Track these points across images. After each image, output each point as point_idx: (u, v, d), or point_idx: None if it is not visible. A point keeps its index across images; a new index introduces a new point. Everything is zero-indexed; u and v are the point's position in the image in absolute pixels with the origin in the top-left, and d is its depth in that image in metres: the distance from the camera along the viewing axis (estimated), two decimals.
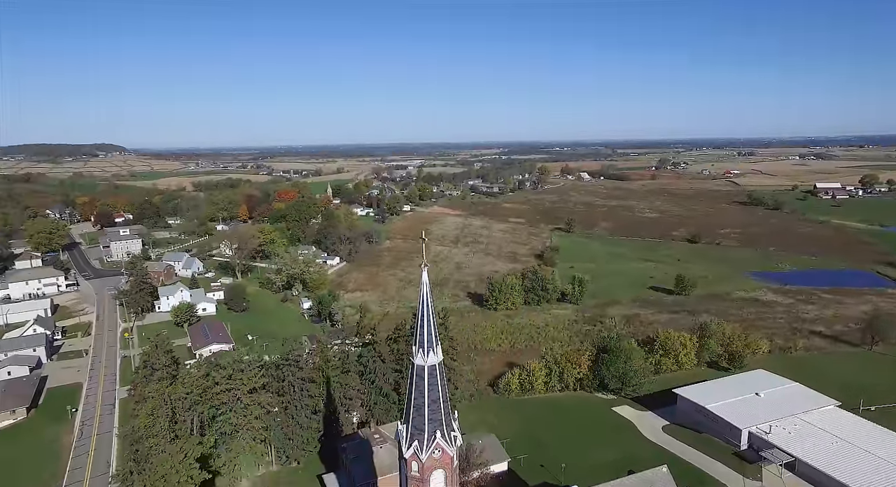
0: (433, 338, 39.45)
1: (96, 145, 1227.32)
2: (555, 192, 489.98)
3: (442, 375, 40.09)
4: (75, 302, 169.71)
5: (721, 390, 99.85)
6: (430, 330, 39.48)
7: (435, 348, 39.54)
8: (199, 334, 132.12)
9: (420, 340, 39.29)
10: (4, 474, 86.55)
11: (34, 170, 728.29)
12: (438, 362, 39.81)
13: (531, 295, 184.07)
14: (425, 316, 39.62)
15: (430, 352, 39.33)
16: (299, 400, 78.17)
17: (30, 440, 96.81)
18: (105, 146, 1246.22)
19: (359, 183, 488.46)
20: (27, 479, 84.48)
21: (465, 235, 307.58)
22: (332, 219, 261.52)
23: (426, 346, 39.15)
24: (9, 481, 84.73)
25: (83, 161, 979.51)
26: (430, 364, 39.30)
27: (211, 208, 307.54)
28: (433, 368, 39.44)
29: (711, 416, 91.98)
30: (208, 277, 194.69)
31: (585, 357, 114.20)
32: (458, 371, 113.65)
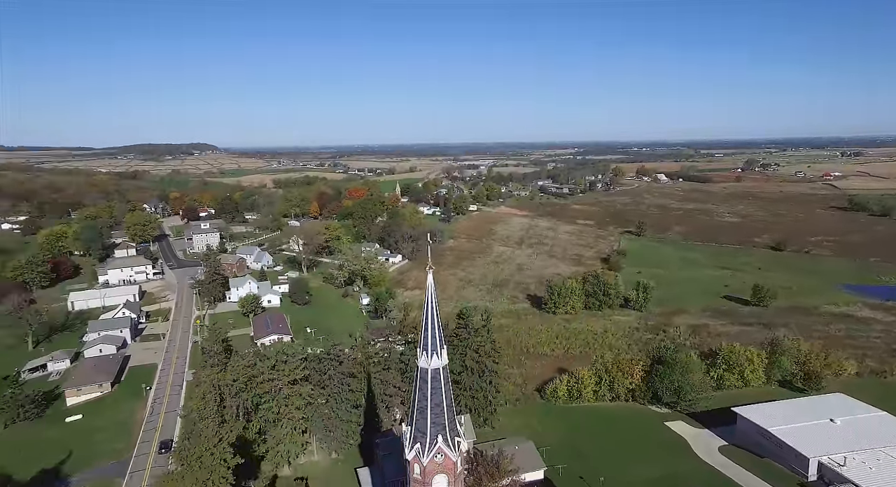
0: (437, 342, 39.37)
1: (192, 144, 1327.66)
2: (627, 194, 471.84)
3: (447, 379, 39.92)
4: (159, 289, 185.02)
5: (789, 412, 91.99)
6: (435, 333, 39.41)
7: (439, 352, 39.43)
8: (262, 324, 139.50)
9: (424, 343, 39.35)
10: (87, 440, 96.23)
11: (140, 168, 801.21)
12: (443, 366, 39.70)
13: (592, 300, 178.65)
14: (430, 318, 39.56)
15: (434, 356, 39.29)
16: (339, 394, 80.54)
17: (110, 412, 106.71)
18: (200, 145, 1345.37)
19: (427, 182, 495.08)
20: (104, 447, 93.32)
21: (530, 236, 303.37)
22: (397, 218, 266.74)
23: (430, 349, 39.15)
24: (89, 447, 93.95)
25: (181, 159, 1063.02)
26: (433, 367, 39.29)
27: (284, 204, 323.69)
28: (437, 371, 39.39)
29: (775, 441, 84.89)
30: (276, 270, 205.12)
31: (639, 367, 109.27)
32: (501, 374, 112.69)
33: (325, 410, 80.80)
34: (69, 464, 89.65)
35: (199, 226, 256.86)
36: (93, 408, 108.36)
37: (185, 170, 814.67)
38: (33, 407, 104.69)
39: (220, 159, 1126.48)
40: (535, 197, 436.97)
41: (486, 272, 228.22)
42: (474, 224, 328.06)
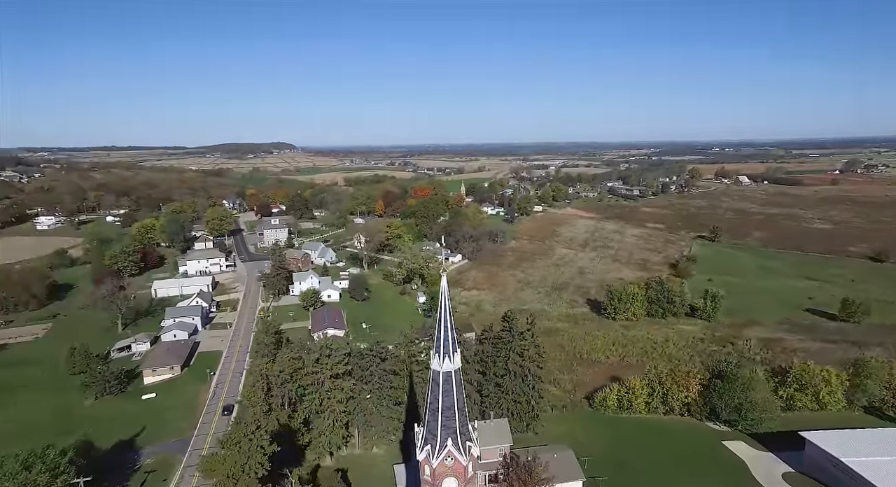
0: (450, 345, 39.39)
1: (273, 144, 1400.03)
2: (703, 197, 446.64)
3: (459, 382, 39.86)
4: (230, 281, 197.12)
5: (871, 443, 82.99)
6: (448, 336, 39.45)
7: (452, 355, 39.44)
8: (319, 318, 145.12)
9: (437, 345, 39.51)
10: (158, 417, 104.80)
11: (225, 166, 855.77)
12: (455, 369, 39.68)
13: (655, 307, 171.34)
14: (444, 321, 39.64)
15: (447, 359, 39.34)
16: (381, 390, 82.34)
17: (179, 393, 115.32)
18: (279, 144, 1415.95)
19: (493, 182, 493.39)
20: (171, 425, 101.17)
21: (595, 239, 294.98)
22: (459, 217, 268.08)
23: (442, 352, 39.25)
24: (158, 423, 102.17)
25: (261, 157, 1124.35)
26: (445, 370, 39.36)
27: (351, 202, 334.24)
28: (449, 374, 39.42)
29: (850, 473, 76.96)
30: (339, 266, 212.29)
31: (696, 380, 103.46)
32: (548, 379, 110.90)
33: (368, 405, 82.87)
34: (142, 437, 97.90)
35: (270, 221, 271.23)
36: (165, 388, 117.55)
37: (265, 168, 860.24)
38: (117, 384, 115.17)
39: (297, 158, 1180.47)
40: (603, 198, 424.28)
41: (546, 274, 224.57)
42: (538, 225, 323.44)
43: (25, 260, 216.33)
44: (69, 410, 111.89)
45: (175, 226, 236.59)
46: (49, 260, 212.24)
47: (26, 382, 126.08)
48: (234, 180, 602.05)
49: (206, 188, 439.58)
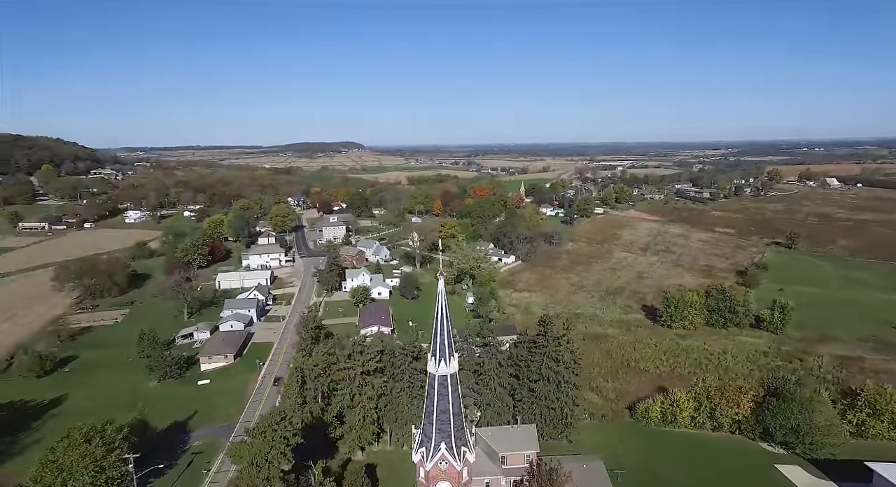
0: (447, 349, 39.22)
1: (342, 143, 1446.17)
2: (782, 200, 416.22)
3: (455, 387, 39.63)
4: (288, 276, 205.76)
5: None
6: (445, 340, 39.29)
7: (448, 359, 39.27)
8: (366, 315, 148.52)
9: (433, 349, 39.46)
10: (209, 402, 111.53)
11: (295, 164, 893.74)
12: (451, 373, 39.47)
13: (715, 317, 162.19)
14: (441, 325, 39.51)
15: (443, 362, 39.23)
16: (412, 389, 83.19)
17: (229, 380, 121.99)
18: (348, 144, 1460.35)
19: (555, 182, 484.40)
20: (220, 410, 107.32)
21: (657, 243, 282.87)
22: (515, 218, 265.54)
23: (438, 355, 39.17)
24: (210, 408, 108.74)
25: (330, 156, 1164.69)
26: (440, 373, 39.25)
27: (409, 201, 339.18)
28: (444, 378, 39.28)
29: None
30: (392, 264, 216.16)
31: (749, 396, 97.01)
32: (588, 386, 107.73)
33: (399, 403, 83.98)
34: (194, 420, 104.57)
35: (329, 219, 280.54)
36: (219, 375, 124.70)
37: (333, 167, 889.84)
38: (176, 369, 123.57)
39: (364, 157, 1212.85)
40: (669, 201, 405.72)
41: (601, 278, 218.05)
42: (597, 227, 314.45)
43: (112, 251, 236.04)
44: (135, 390, 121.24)
45: (241, 222, 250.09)
46: (131, 251, 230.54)
47: (105, 363, 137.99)
48: (303, 178, 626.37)
49: (275, 185, 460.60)
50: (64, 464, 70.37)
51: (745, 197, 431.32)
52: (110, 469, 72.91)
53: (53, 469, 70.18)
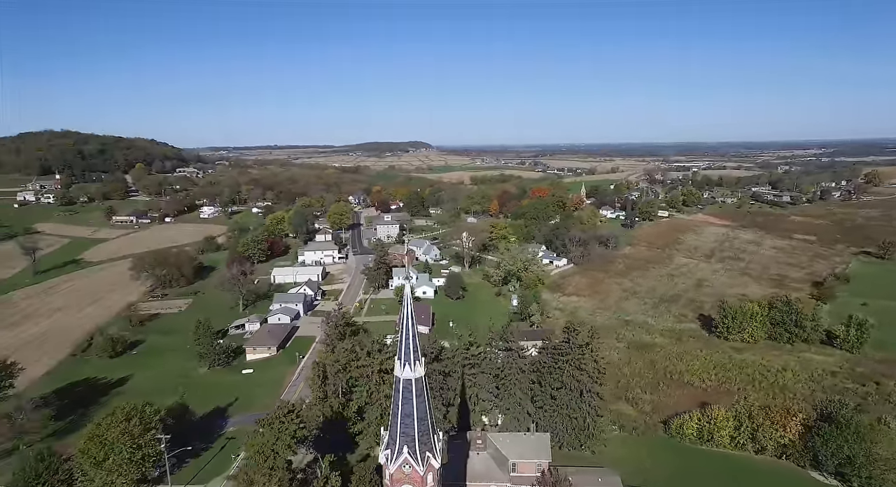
0: (412, 353, 39.28)
1: (410, 142, 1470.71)
2: (878, 206, 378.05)
3: (421, 391, 39.61)
4: (340, 272, 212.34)
5: None
6: (409, 343, 39.37)
7: (413, 363, 39.32)
8: None
9: (399, 353, 39.62)
10: (250, 391, 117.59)
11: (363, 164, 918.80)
12: (416, 378, 39.49)
13: (779, 330, 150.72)
14: (406, 330, 39.63)
15: (407, 366, 39.32)
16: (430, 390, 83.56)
17: (270, 371, 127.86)
18: (416, 143, 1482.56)
19: (620, 184, 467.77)
20: (258, 399, 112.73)
21: (725, 249, 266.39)
22: (570, 220, 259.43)
23: (403, 359, 39.30)
24: (250, 397, 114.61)
25: (398, 156, 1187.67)
26: (405, 377, 39.36)
27: (466, 201, 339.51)
28: (409, 382, 39.36)
29: None
30: (441, 264, 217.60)
31: (797, 419, 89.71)
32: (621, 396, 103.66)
33: None
34: (233, 407, 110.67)
35: (384, 217, 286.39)
36: (261, 366, 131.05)
37: (400, 166, 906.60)
38: (224, 357, 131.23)
39: (431, 156, 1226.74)
40: (743, 204, 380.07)
41: (656, 284, 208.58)
42: (659, 231, 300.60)
43: (184, 244, 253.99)
44: (187, 375, 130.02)
45: (299, 219, 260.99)
46: (200, 245, 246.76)
47: (168, 348, 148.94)
48: (368, 177, 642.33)
49: (340, 184, 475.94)
50: (107, 439, 76.85)
51: (832, 201, 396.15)
52: (146, 446, 78.86)
53: (98, 442, 76.83)
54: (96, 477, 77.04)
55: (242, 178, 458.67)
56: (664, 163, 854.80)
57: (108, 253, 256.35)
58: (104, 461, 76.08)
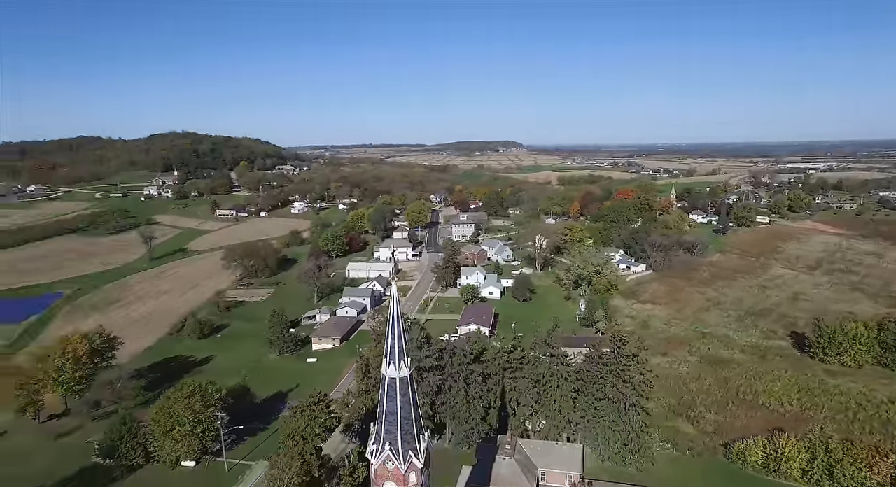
0: (396, 352, 39.76)
1: (500, 142, 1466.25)
2: None
3: (405, 391, 39.98)
4: (412, 269, 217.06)
5: None
6: (395, 343, 39.84)
7: (397, 362, 39.79)
8: (468, 313, 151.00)
9: (385, 351, 40.22)
10: (310, 379, 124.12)
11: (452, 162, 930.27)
12: (401, 377, 39.91)
13: (891, 356, 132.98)
14: (393, 329, 40.13)
15: (392, 365, 39.84)
16: (468, 390, 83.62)
17: (332, 361, 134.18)
18: (506, 142, 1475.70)
19: (717, 186, 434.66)
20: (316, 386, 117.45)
21: (835, 260, 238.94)
22: (652, 224, 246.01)
23: (389, 358, 39.88)
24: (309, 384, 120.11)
25: (487, 155, 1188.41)
26: (390, 376, 39.92)
27: (546, 202, 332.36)
28: (394, 381, 39.88)
29: None
30: (513, 265, 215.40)
31: (889, 462, 78.88)
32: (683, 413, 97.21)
33: (456, 402, 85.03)
34: (293, 392, 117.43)
35: (460, 216, 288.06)
36: (325, 355, 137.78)
37: (488, 165, 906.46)
38: (292, 345, 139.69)
39: (520, 156, 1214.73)
40: (864, 210, 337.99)
41: (744, 296, 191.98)
42: (757, 238, 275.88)
43: (273, 237, 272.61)
44: (259, 360, 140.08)
45: (378, 216, 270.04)
46: (287, 238, 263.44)
47: (247, 333, 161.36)
48: (455, 176, 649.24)
49: (425, 182, 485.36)
50: (173, 411, 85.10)
51: None
52: (205, 421, 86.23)
53: (166, 413, 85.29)
54: (165, 444, 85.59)
55: (333, 176, 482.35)
56: (774, 165, 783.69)
57: (209, 244, 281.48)
58: (170, 430, 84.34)
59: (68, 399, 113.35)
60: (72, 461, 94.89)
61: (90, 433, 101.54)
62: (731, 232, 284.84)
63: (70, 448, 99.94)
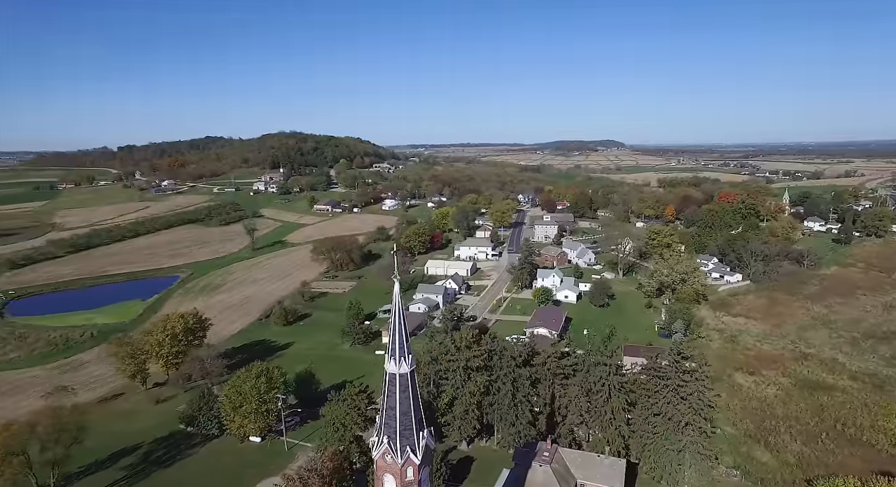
0: (397, 348, 40.53)
1: (600, 141, 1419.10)
2: None
3: (406, 386, 40.70)
4: (490, 269, 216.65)
5: None
6: (397, 340, 40.59)
7: (399, 359, 40.52)
8: (538, 316, 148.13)
9: (389, 349, 41.09)
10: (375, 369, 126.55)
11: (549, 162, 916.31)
12: (402, 373, 40.65)
13: None
14: (396, 326, 40.93)
15: (393, 362, 40.65)
16: (511, 392, 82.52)
17: None
18: (607, 142, 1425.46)
19: (843, 191, 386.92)
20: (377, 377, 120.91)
21: None
22: (755, 231, 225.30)
23: (390, 354, 40.76)
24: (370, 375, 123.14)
25: (585, 155, 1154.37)
26: (390, 371, 40.81)
27: (638, 205, 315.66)
28: (394, 376, 40.72)
29: None
30: (594, 269, 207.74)
31: None
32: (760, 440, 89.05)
33: (503, 403, 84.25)
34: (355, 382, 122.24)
35: (544, 217, 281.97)
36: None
37: (586, 166, 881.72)
38: (364, 337, 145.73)
39: (621, 156, 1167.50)
40: None
41: (864, 315, 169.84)
42: (888, 251, 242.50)
43: (361, 233, 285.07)
44: (333, 349, 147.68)
45: (461, 215, 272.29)
46: (374, 234, 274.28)
47: (327, 323, 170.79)
48: (549, 176, 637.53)
49: (515, 182, 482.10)
50: (242, 390, 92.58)
51: None
52: (269, 402, 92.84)
53: (236, 391, 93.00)
54: (234, 419, 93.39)
55: (426, 174, 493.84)
56: None
57: (304, 237, 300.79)
58: (239, 407, 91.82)
59: (168, 370, 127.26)
60: (165, 425, 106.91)
61: (181, 402, 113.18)
62: (856, 242, 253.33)
63: (165, 414, 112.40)
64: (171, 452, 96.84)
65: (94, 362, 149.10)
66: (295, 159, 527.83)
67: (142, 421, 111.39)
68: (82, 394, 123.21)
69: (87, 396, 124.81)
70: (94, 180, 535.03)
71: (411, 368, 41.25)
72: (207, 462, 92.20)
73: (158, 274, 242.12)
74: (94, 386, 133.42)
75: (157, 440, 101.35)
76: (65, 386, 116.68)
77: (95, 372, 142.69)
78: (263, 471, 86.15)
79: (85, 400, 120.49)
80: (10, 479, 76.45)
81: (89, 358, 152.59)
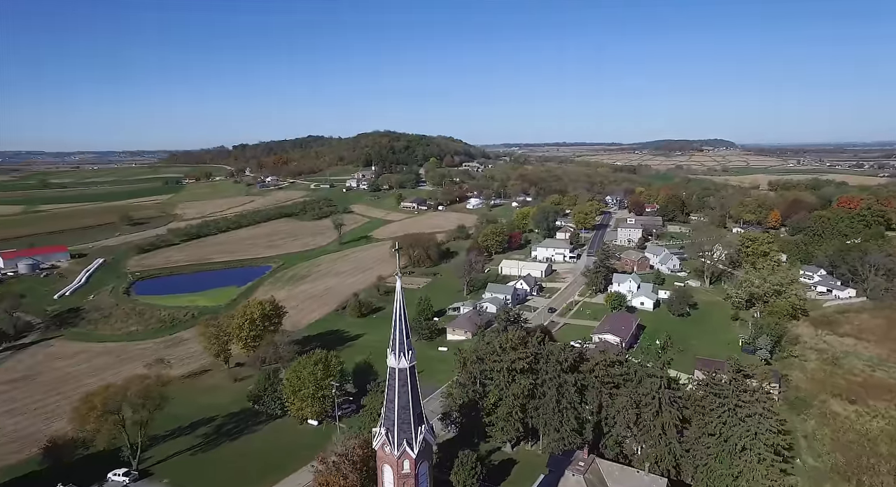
0: (397, 344, 41.51)
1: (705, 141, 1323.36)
2: None
3: (405, 381, 41.64)
4: (566, 271, 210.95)
5: None
6: (397, 335, 41.58)
7: (399, 354, 41.49)
8: (607, 322, 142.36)
9: (391, 343, 42.17)
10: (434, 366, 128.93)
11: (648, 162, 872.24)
12: (401, 368, 41.63)
13: None
14: (397, 321, 41.93)
15: (392, 356, 41.68)
16: (555, 397, 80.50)
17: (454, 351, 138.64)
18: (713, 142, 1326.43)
19: None
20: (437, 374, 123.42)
21: None
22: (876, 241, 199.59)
23: (391, 349, 41.80)
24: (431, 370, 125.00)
25: (688, 155, 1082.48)
26: (391, 366, 41.84)
27: (737, 209, 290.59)
28: (393, 371, 41.77)
29: None
30: (679, 276, 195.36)
31: None
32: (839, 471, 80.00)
33: (547, 408, 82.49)
34: None
35: (628, 220, 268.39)
36: (455, 346, 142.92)
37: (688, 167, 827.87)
38: (429, 333, 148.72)
39: (729, 156, 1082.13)
40: None
41: None
42: None
43: (442, 231, 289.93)
44: None
45: (541, 216, 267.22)
46: (453, 232, 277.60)
47: None
48: (645, 177, 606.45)
49: (605, 183, 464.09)
50: (301, 375, 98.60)
51: None
52: (325, 388, 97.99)
53: (296, 376, 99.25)
54: (294, 402, 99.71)
55: (513, 174, 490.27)
56: None
57: (388, 233, 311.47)
58: (298, 391, 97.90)
59: (248, 352, 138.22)
60: (238, 402, 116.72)
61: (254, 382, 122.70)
62: None
63: (240, 392, 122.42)
64: (240, 426, 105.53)
65: (192, 340, 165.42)
66: (387, 157, 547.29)
67: (220, 397, 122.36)
68: (176, 368, 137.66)
69: (180, 370, 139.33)
70: (211, 176, 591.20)
71: (411, 363, 42.10)
72: (269, 439, 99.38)
73: (254, 263, 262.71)
74: (188, 362, 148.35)
75: (230, 414, 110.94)
76: (162, 359, 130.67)
77: (191, 349, 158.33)
78: (314, 453, 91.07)
79: (179, 374, 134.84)
80: (107, 435, 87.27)
81: (189, 337, 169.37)
